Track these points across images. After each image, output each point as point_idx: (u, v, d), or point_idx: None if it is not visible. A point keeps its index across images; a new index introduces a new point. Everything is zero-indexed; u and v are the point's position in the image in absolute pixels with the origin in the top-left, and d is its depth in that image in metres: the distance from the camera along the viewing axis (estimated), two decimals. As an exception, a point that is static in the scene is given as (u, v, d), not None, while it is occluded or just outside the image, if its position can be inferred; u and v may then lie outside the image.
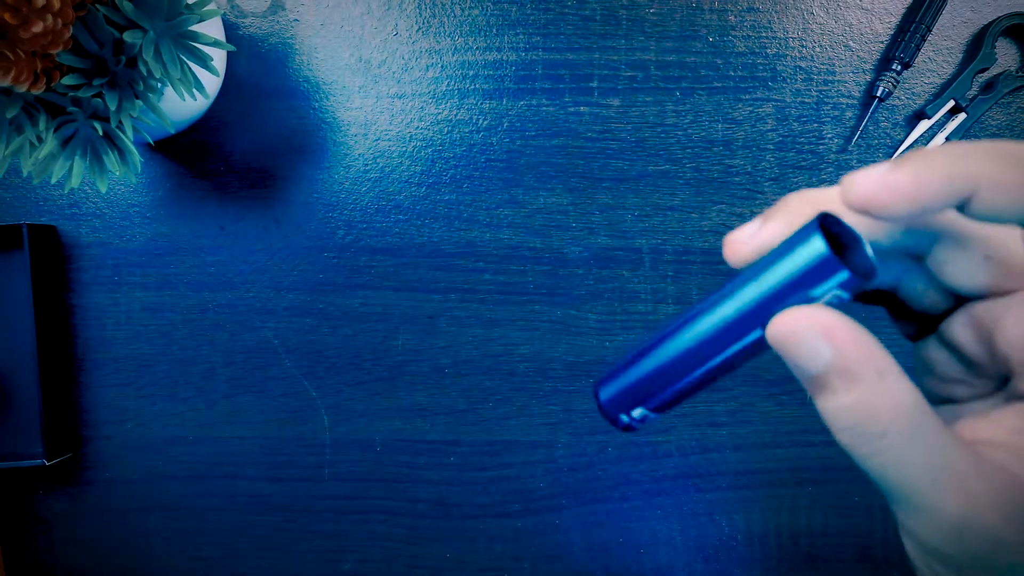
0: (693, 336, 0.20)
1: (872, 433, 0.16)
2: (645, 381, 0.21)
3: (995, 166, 0.16)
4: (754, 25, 0.48)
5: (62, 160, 0.36)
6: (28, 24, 0.30)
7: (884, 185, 0.16)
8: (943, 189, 0.16)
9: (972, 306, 0.20)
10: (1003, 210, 0.16)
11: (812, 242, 0.17)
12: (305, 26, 0.49)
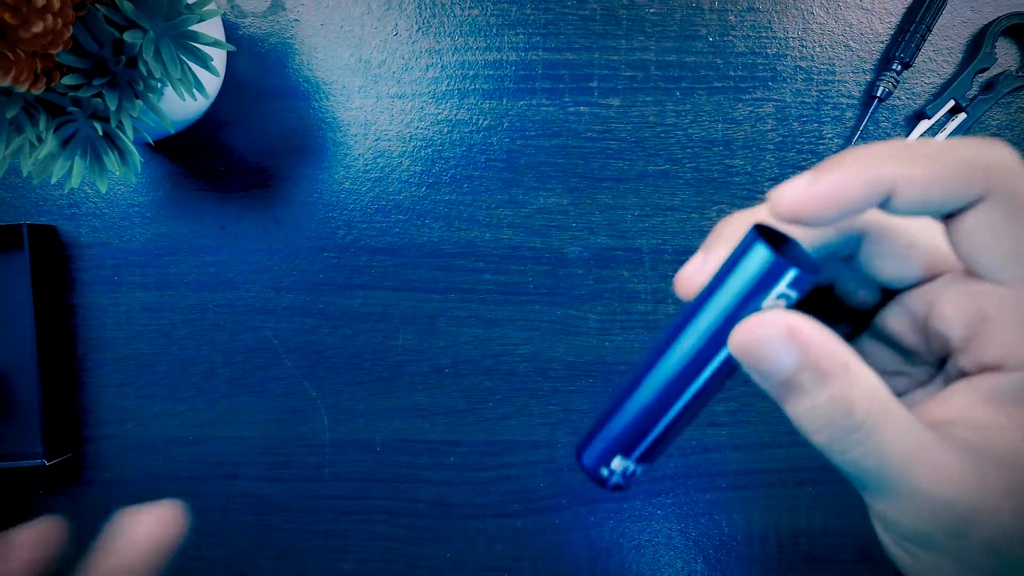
0: (659, 374, 0.19)
1: (849, 426, 0.17)
2: (623, 431, 0.20)
3: (908, 165, 0.17)
4: (754, 25, 0.48)
5: (62, 160, 0.36)
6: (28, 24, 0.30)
7: (809, 195, 0.17)
8: (864, 192, 0.17)
9: (904, 296, 0.21)
10: (921, 204, 0.17)
11: (755, 250, 0.18)
12: (305, 26, 0.49)
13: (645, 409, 0.20)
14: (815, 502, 0.49)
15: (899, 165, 0.17)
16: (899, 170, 0.17)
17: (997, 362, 0.18)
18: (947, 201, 0.17)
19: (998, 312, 0.18)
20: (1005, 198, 0.17)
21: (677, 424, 0.20)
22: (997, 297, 0.18)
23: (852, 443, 0.17)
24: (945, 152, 0.17)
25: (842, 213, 0.17)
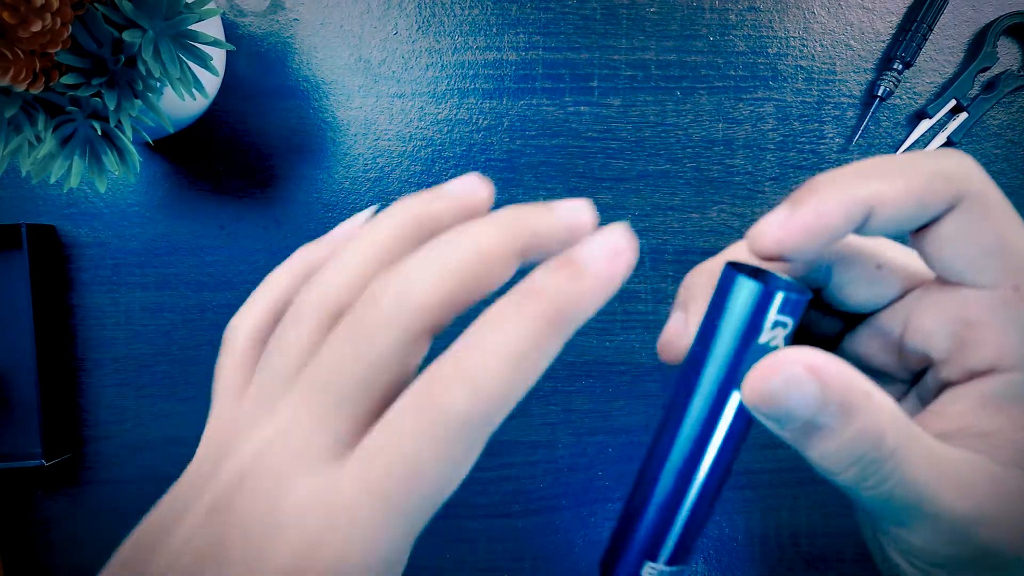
0: (670, 456, 0.18)
1: (880, 458, 0.16)
2: (645, 534, 0.18)
3: (882, 184, 0.17)
4: (755, 24, 0.48)
5: (61, 160, 0.36)
6: (27, 23, 0.30)
7: (789, 228, 0.17)
8: (843, 217, 0.17)
9: (874, 318, 0.21)
10: (898, 221, 0.17)
11: (739, 285, 0.17)
12: (305, 25, 0.49)
13: (663, 501, 0.18)
14: (815, 502, 0.49)
15: (873, 185, 0.17)
16: (874, 190, 0.17)
17: (988, 366, 0.18)
18: (922, 213, 0.17)
19: (982, 316, 0.18)
20: (975, 203, 0.17)
21: (701, 506, 0.18)
22: (979, 301, 0.18)
23: (885, 475, 0.16)
24: (914, 166, 0.17)
25: (825, 241, 0.17)
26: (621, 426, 0.50)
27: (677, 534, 0.18)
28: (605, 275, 0.16)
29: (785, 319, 0.16)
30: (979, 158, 0.48)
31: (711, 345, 0.17)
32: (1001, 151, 0.48)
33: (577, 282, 0.16)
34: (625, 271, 0.16)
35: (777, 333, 0.16)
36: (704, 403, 0.17)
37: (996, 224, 0.17)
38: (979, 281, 0.18)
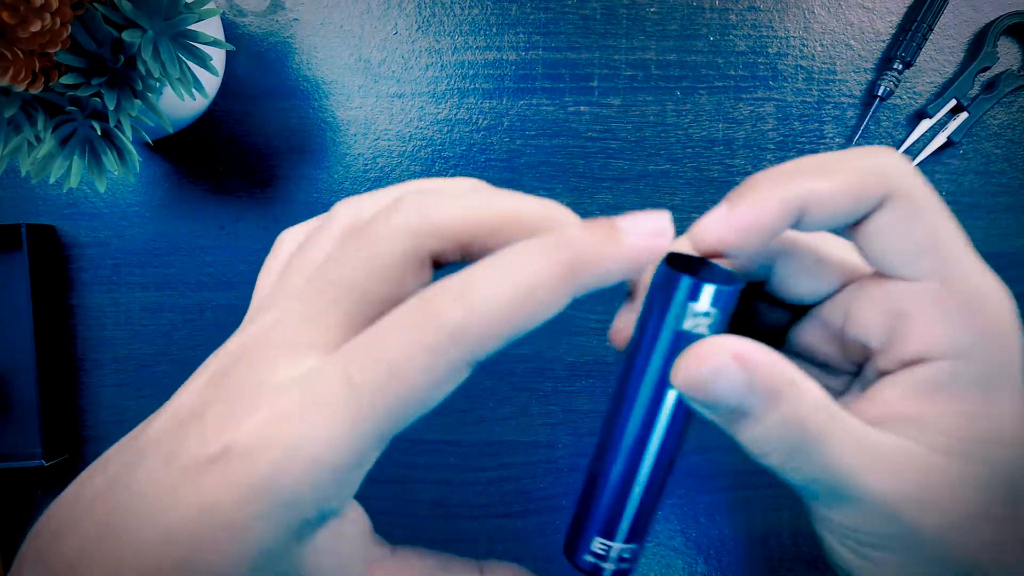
0: (617, 438, 0.19)
1: (803, 441, 0.17)
2: (601, 513, 0.19)
3: (815, 181, 0.17)
4: (755, 24, 0.48)
5: (60, 160, 0.36)
6: (26, 23, 0.30)
7: (729, 225, 0.17)
8: (779, 214, 0.17)
9: (817, 309, 0.21)
10: (832, 217, 0.18)
11: (666, 278, 0.17)
12: (305, 25, 0.49)
13: (616, 480, 0.19)
14: (816, 502, 0.49)
15: (807, 183, 0.17)
16: (808, 188, 0.17)
17: (918, 355, 0.18)
18: (855, 210, 0.18)
19: (913, 307, 0.18)
20: (904, 200, 0.17)
21: (650, 487, 0.19)
22: (910, 293, 0.18)
23: (807, 458, 0.17)
24: (845, 164, 0.18)
25: (762, 238, 0.18)
26: (621, 426, 0.50)
27: (629, 512, 0.19)
28: (638, 247, 0.16)
29: (710, 308, 0.17)
30: (979, 158, 0.48)
31: (644, 334, 0.18)
32: (1001, 151, 0.48)
33: (609, 244, 0.16)
34: (657, 253, 0.16)
35: (701, 322, 0.17)
36: (638, 387, 0.18)
37: (925, 220, 0.18)
38: (910, 274, 0.18)
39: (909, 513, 0.17)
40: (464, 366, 0.16)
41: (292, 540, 0.17)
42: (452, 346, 0.15)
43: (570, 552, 0.21)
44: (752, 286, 0.22)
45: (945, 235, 0.18)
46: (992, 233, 0.49)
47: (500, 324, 0.15)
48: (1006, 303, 0.18)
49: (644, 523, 0.19)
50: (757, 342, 0.17)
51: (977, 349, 0.18)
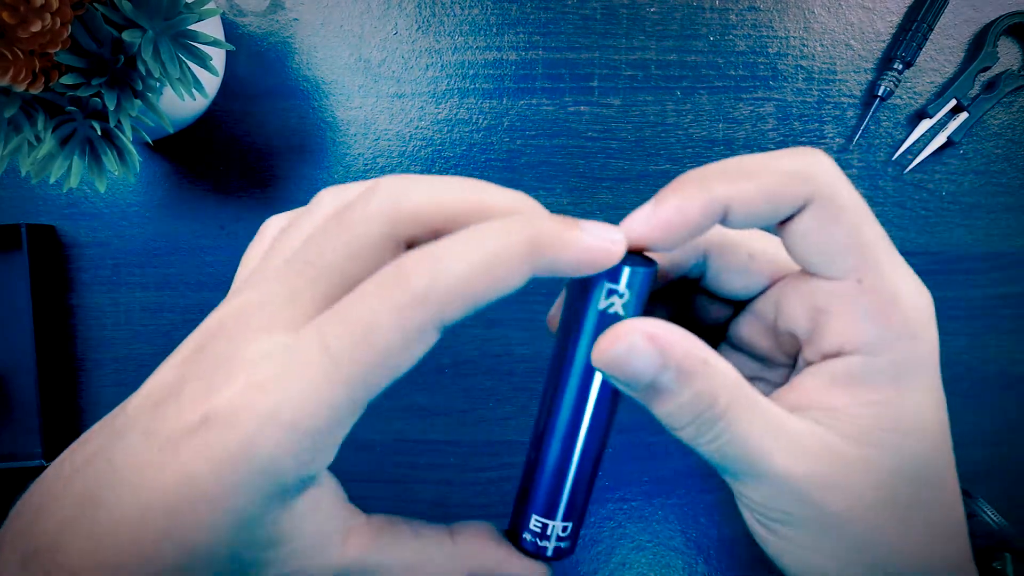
0: (547, 423, 0.19)
1: (713, 417, 0.18)
2: (537, 494, 0.20)
3: (737, 183, 0.18)
4: (755, 24, 0.48)
5: (60, 160, 0.36)
6: (26, 23, 0.30)
7: (653, 223, 0.18)
8: (701, 214, 0.18)
9: (752, 304, 0.23)
10: (754, 217, 0.18)
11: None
12: (305, 25, 0.49)
13: (549, 459, 0.20)
14: (816, 502, 0.49)
15: (729, 184, 0.18)
16: (730, 189, 0.18)
17: (836, 349, 0.20)
18: (777, 211, 0.18)
19: (832, 304, 0.19)
20: (826, 203, 0.18)
21: (585, 461, 0.20)
22: (830, 291, 0.19)
23: (717, 433, 0.18)
24: (770, 166, 0.18)
25: (685, 236, 0.18)
26: (621, 426, 0.50)
27: (563, 490, 0.20)
28: (595, 246, 0.17)
29: (624, 289, 0.18)
30: (980, 158, 0.48)
31: (568, 316, 0.19)
32: (1002, 151, 0.48)
33: (568, 231, 0.17)
34: (610, 258, 0.18)
35: (616, 301, 0.18)
36: (564, 367, 0.19)
37: (845, 222, 0.18)
38: (830, 273, 0.19)
39: (815, 493, 0.18)
40: (432, 329, 0.16)
41: (270, 508, 0.17)
42: (420, 308, 0.16)
43: (513, 536, 0.21)
44: (691, 282, 0.23)
45: (864, 237, 0.19)
46: (992, 233, 0.49)
47: (465, 290, 0.16)
48: (921, 301, 0.19)
49: (579, 501, 0.20)
50: (671, 324, 0.18)
51: (888, 345, 0.19)
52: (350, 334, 0.16)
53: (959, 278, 0.49)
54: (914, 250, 0.49)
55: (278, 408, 0.16)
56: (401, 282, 0.16)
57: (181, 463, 0.16)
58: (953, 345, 0.49)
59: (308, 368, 0.16)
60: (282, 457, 0.16)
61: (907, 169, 0.48)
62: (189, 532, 0.16)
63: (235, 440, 0.16)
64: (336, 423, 0.17)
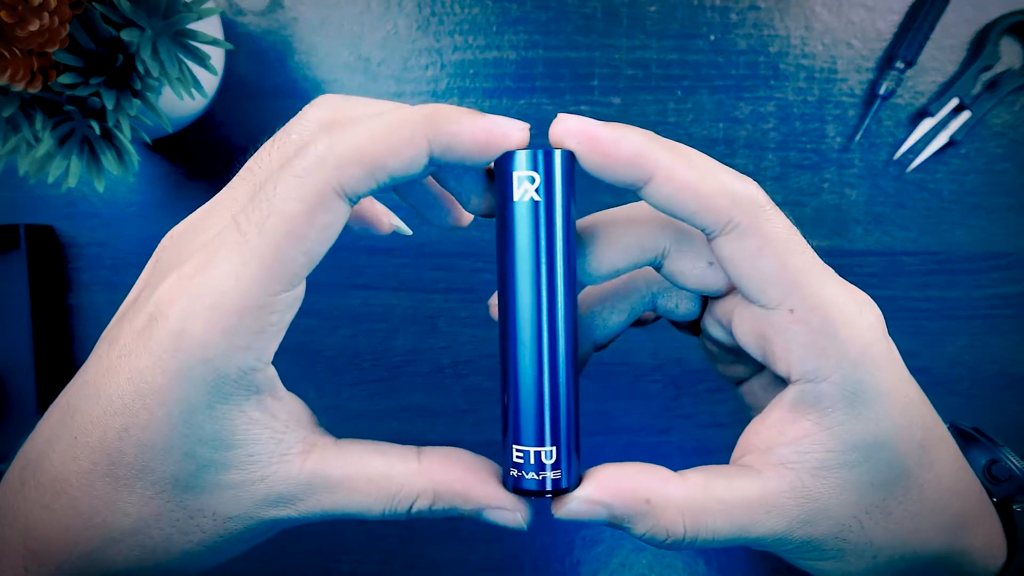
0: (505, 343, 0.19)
1: (678, 537, 0.19)
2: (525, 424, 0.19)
3: (670, 161, 0.18)
4: (756, 23, 0.48)
5: (59, 159, 0.36)
6: (24, 22, 0.29)
7: (590, 135, 0.19)
8: (629, 161, 0.18)
9: (713, 304, 0.23)
10: (670, 204, 0.18)
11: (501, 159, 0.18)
12: (304, 24, 0.48)
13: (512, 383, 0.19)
14: (817, 503, 0.49)
15: (664, 158, 0.18)
16: (662, 163, 0.18)
17: (785, 375, 0.20)
18: (697, 215, 0.18)
19: (770, 333, 0.20)
20: (750, 229, 0.18)
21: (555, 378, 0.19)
22: (768, 319, 0.19)
23: (692, 541, 0.20)
24: (711, 170, 0.18)
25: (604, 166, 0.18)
26: (621, 426, 0.50)
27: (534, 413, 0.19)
28: (493, 130, 0.18)
29: (533, 173, 0.18)
30: (982, 157, 0.48)
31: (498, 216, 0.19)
32: (1003, 150, 0.48)
33: (469, 117, 0.18)
34: (505, 144, 0.18)
35: (528, 188, 0.18)
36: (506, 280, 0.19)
37: (770, 253, 0.18)
38: (762, 302, 0.19)
39: (802, 531, 0.20)
40: (332, 192, 0.17)
41: (215, 400, 0.18)
42: (318, 170, 0.17)
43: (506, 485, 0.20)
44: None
45: (792, 267, 0.18)
46: (994, 233, 0.49)
47: (363, 153, 0.17)
48: (860, 321, 0.19)
49: (557, 420, 0.19)
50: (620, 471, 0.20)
51: (829, 371, 0.19)
52: (258, 210, 0.17)
53: (961, 278, 0.49)
54: (915, 250, 0.49)
55: (200, 293, 0.17)
56: (301, 152, 0.17)
57: (133, 363, 0.18)
58: (954, 345, 0.49)
59: (224, 250, 0.17)
60: (215, 341, 0.17)
61: (908, 168, 0.48)
62: (144, 427, 0.18)
63: (169, 330, 0.17)
64: (259, 303, 0.17)
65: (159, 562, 0.20)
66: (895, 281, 0.49)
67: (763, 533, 0.20)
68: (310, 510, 0.20)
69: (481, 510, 0.20)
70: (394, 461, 0.20)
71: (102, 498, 0.19)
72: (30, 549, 0.20)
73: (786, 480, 0.20)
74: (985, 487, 0.24)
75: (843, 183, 0.49)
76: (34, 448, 0.20)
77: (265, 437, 0.19)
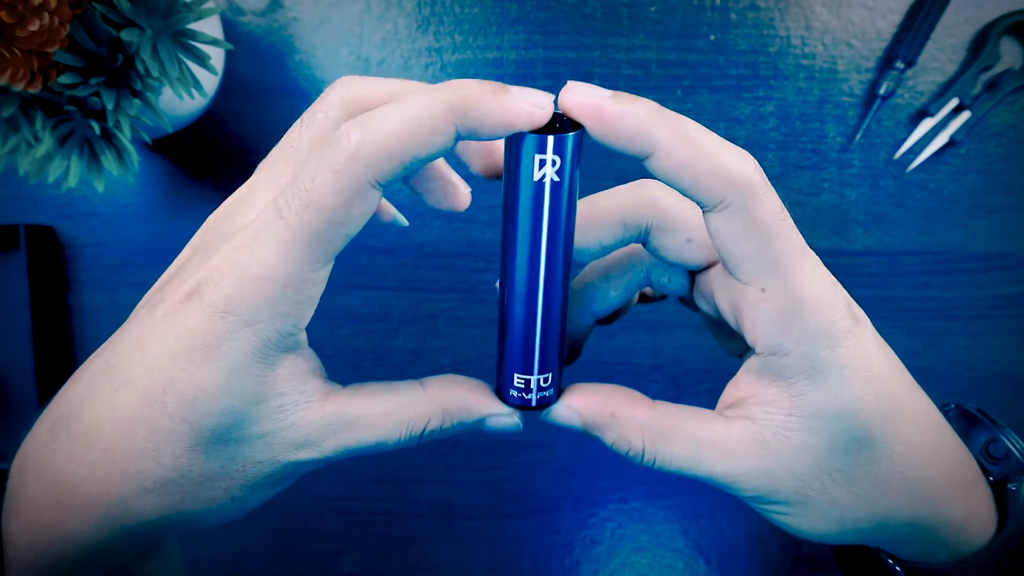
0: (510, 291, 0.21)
1: (638, 454, 0.22)
2: (513, 355, 0.22)
3: (671, 139, 0.18)
4: (756, 23, 0.48)
5: (59, 159, 0.36)
6: (25, 22, 0.29)
7: (597, 109, 0.19)
8: (632, 137, 0.19)
9: (699, 278, 0.24)
10: (669, 175, 0.19)
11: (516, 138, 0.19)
12: (304, 24, 0.48)
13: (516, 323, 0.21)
14: (817, 503, 0.49)
15: (667, 131, 0.18)
16: (665, 137, 0.18)
17: (753, 345, 0.22)
18: (692, 192, 0.19)
19: (743, 305, 0.21)
20: (739, 210, 0.19)
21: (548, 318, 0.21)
22: (741, 292, 0.21)
23: (650, 460, 0.22)
24: (710, 149, 0.19)
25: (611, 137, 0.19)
26: (622, 426, 0.50)
27: (534, 348, 0.22)
28: (519, 109, 0.18)
29: (554, 156, 0.19)
30: (981, 158, 0.48)
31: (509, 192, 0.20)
32: (1003, 150, 0.48)
33: (494, 96, 0.18)
34: (532, 121, 0.18)
35: (546, 171, 0.19)
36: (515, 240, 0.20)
37: (753, 234, 0.19)
38: (737, 276, 0.20)
39: (762, 482, 0.22)
40: (366, 185, 0.18)
41: (256, 360, 0.20)
42: (353, 165, 0.18)
43: (500, 394, 0.23)
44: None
45: (771, 251, 0.20)
46: (994, 233, 0.49)
47: (392, 146, 0.18)
48: (823, 303, 0.20)
49: (552, 354, 0.22)
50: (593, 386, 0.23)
51: (791, 348, 0.20)
52: (296, 196, 0.18)
53: (961, 278, 0.49)
54: (916, 250, 0.49)
55: (250, 264, 0.19)
56: (335, 145, 0.18)
57: (181, 322, 0.20)
58: (954, 345, 0.49)
59: (268, 231, 0.19)
60: (261, 308, 0.19)
61: (908, 168, 0.48)
62: (187, 381, 0.19)
63: (221, 296, 0.19)
64: (301, 277, 0.19)
65: (186, 511, 0.21)
66: (895, 281, 0.49)
67: (717, 472, 0.22)
68: (332, 449, 0.22)
69: (484, 419, 0.23)
70: (402, 394, 0.22)
71: (139, 448, 0.20)
72: (59, 501, 0.21)
73: (749, 431, 0.22)
74: (983, 466, 0.26)
75: (843, 183, 0.49)
76: (65, 405, 0.21)
77: (292, 389, 0.21)
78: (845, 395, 0.21)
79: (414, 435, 0.23)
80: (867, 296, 0.49)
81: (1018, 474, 0.26)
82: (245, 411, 0.20)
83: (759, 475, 0.22)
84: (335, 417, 0.22)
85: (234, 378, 0.20)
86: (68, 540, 0.21)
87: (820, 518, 0.23)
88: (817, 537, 0.23)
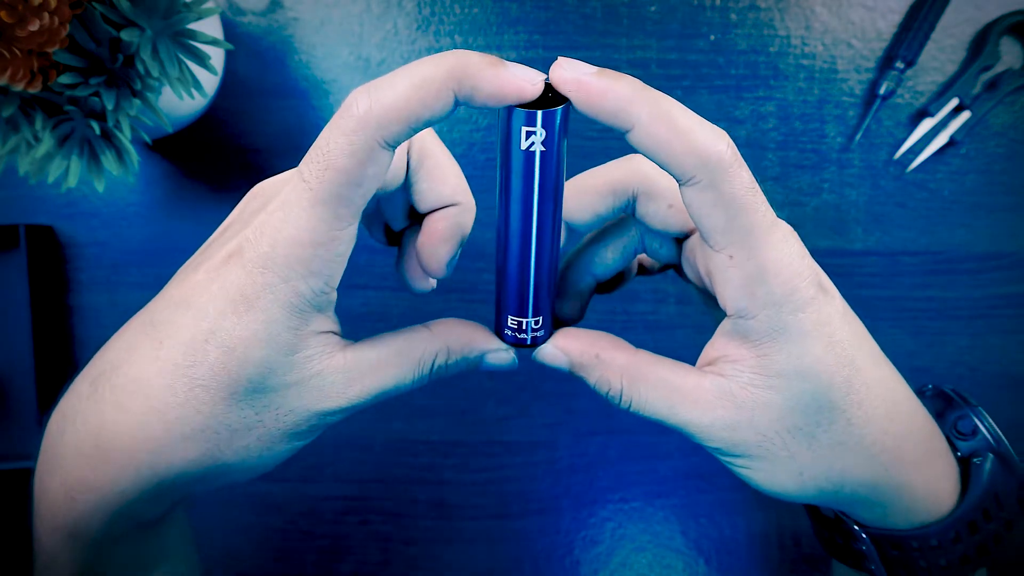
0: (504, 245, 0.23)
1: (617, 395, 0.24)
2: (508, 300, 0.24)
3: (649, 117, 0.20)
4: (756, 23, 0.48)
5: (59, 159, 0.36)
6: (24, 22, 0.29)
7: (583, 85, 0.20)
8: (614, 112, 0.20)
9: (683, 245, 0.26)
10: (646, 152, 0.21)
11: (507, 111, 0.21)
12: (304, 24, 0.48)
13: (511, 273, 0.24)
14: (817, 503, 0.49)
15: (646, 110, 0.20)
16: (644, 114, 0.20)
17: (723, 308, 0.23)
18: (668, 167, 0.21)
19: (712, 270, 0.23)
20: (709, 186, 0.20)
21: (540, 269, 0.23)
22: (711, 258, 0.22)
23: (626, 403, 0.24)
24: (685, 128, 0.21)
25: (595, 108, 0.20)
26: (621, 426, 0.50)
27: (527, 294, 0.24)
28: (512, 83, 0.20)
29: (540, 129, 0.20)
30: (981, 157, 0.48)
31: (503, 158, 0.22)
32: (1003, 150, 0.48)
33: (491, 68, 0.19)
34: (524, 95, 0.20)
35: (534, 140, 0.21)
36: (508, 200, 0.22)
37: (723, 208, 0.21)
38: (709, 243, 0.22)
39: (727, 434, 0.23)
40: (377, 146, 0.20)
41: (291, 314, 0.21)
42: (363, 128, 0.19)
43: (498, 334, 0.26)
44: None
45: (740, 223, 0.21)
46: (994, 233, 0.49)
47: (398, 110, 0.19)
48: (787, 272, 0.22)
49: (544, 299, 0.24)
50: (580, 330, 0.25)
51: (755, 312, 0.22)
52: (315, 162, 0.20)
53: (961, 278, 0.49)
54: (916, 250, 0.49)
55: (282, 228, 0.21)
56: (346, 112, 0.20)
57: (224, 277, 0.21)
58: (954, 345, 0.49)
59: (295, 196, 0.21)
60: (295, 266, 0.21)
61: (908, 168, 0.48)
62: (229, 331, 0.21)
63: (259, 253, 0.21)
64: (329, 237, 0.21)
65: (221, 460, 0.23)
66: (895, 281, 0.49)
67: (687, 419, 0.23)
68: (357, 394, 0.23)
69: (484, 354, 0.25)
70: (410, 335, 0.25)
71: (179, 396, 0.22)
72: (99, 448, 0.22)
73: (718, 385, 0.23)
74: (952, 442, 0.27)
75: (843, 183, 0.49)
76: (107, 359, 0.23)
77: (318, 342, 0.23)
78: (806, 358, 0.22)
79: (424, 373, 0.24)
80: (867, 296, 0.49)
81: (985, 451, 0.27)
82: (278, 361, 0.22)
83: (724, 427, 0.23)
84: (357, 362, 0.23)
85: (271, 329, 0.21)
86: (107, 488, 0.22)
87: (781, 473, 0.24)
88: (779, 492, 0.25)
